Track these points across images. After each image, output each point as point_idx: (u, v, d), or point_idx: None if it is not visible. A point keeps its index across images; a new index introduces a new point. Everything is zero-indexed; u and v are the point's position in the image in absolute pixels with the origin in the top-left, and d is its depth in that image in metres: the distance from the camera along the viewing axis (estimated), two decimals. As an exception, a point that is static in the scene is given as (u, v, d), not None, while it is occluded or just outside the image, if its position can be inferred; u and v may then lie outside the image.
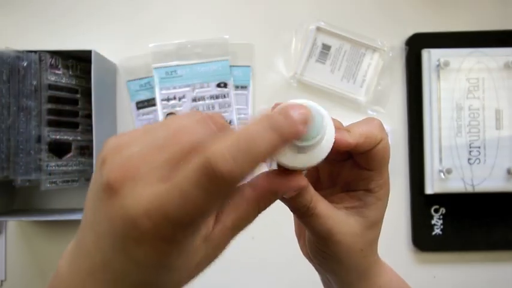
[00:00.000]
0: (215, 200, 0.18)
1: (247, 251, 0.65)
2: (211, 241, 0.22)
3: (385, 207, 0.28)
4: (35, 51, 0.56)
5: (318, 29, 0.64)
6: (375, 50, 0.64)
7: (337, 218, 0.26)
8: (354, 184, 0.27)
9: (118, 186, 0.18)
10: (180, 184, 0.17)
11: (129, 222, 0.17)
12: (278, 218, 0.65)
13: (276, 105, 0.24)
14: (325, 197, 0.27)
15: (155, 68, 0.64)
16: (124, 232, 0.18)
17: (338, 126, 0.25)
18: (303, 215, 0.26)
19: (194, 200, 0.17)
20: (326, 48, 0.64)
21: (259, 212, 0.23)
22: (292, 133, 0.18)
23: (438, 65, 0.62)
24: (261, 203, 0.22)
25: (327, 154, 0.23)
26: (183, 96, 0.64)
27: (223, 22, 0.66)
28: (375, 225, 0.28)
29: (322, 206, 0.25)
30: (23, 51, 0.55)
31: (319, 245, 0.27)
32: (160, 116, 0.64)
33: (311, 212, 0.25)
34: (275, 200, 0.23)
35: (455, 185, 0.61)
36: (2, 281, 0.64)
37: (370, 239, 0.28)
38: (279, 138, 0.18)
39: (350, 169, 0.28)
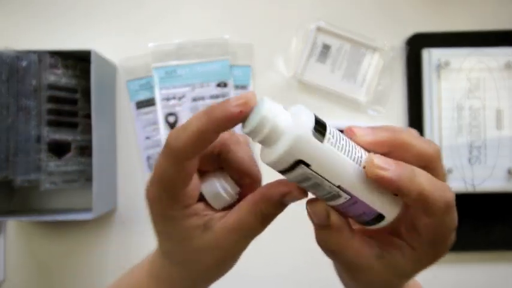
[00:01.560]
0: (172, 165, 0.23)
1: (247, 251, 0.65)
2: (213, 233, 0.25)
3: (424, 267, 0.25)
4: (35, 51, 0.56)
5: (318, 29, 0.64)
6: (375, 50, 0.64)
7: (366, 260, 0.24)
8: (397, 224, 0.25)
9: None
10: (158, 157, 0.24)
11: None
12: (278, 218, 0.65)
13: None
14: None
15: (155, 68, 0.64)
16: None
17: (351, 129, 0.23)
18: (332, 253, 0.25)
19: (162, 166, 0.24)
20: (326, 48, 0.64)
21: (260, 217, 0.25)
22: (222, 115, 0.22)
23: (439, 65, 0.61)
24: (259, 206, 0.24)
25: (285, 148, 0.21)
26: (183, 96, 0.64)
27: (223, 22, 0.66)
28: (403, 277, 0.25)
29: (352, 247, 0.24)
30: (22, 51, 0.55)
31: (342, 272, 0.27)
32: (160, 116, 0.63)
33: (339, 251, 0.24)
34: (273, 206, 0.25)
35: (455, 184, 0.61)
36: (1, 281, 0.64)
37: (396, 284, 0.26)
38: (207, 118, 0.22)
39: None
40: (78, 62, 0.61)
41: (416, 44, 0.64)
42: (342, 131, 0.24)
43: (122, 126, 0.65)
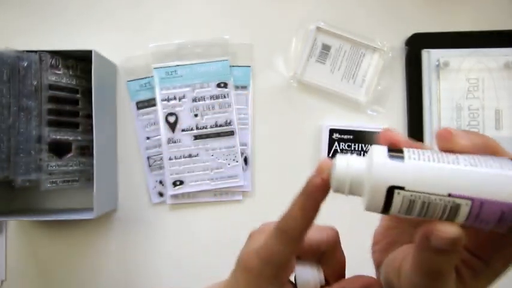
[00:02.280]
0: (286, 246, 0.26)
1: (247, 250, 0.65)
2: None
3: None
4: (35, 51, 0.56)
5: (318, 29, 0.64)
6: (374, 50, 0.64)
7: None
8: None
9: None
10: (268, 239, 0.27)
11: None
12: (278, 218, 0.65)
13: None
14: None
15: (155, 68, 0.64)
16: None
17: (446, 129, 0.22)
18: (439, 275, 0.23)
19: (274, 247, 0.26)
20: (326, 48, 0.64)
21: None
22: (312, 188, 0.24)
23: (438, 65, 0.62)
24: None
25: (371, 185, 0.21)
26: (183, 96, 0.64)
27: (223, 22, 0.66)
28: None
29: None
30: (23, 51, 0.56)
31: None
32: (161, 116, 0.64)
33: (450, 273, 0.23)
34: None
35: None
36: (2, 281, 0.64)
37: None
38: (304, 196, 0.25)
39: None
40: (79, 62, 0.61)
41: (416, 45, 0.64)
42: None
43: (122, 127, 0.65)
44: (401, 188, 0.20)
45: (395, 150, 0.22)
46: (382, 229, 0.31)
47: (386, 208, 0.21)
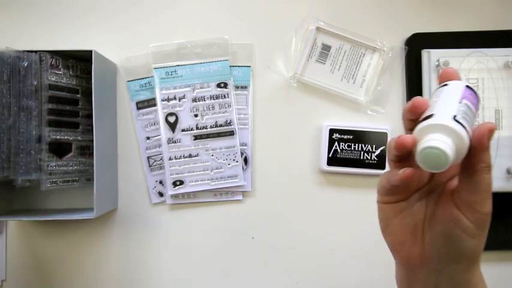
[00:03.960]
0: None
1: (247, 251, 0.65)
2: None
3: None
4: (36, 51, 0.56)
5: (318, 29, 0.64)
6: (374, 50, 0.64)
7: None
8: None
9: None
10: None
11: None
12: (278, 218, 0.65)
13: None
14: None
15: (155, 68, 0.64)
16: None
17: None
18: (487, 168, 0.29)
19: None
20: (326, 48, 0.64)
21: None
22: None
23: (438, 65, 0.62)
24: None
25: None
26: (183, 96, 0.64)
27: (223, 22, 0.66)
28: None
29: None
30: (23, 51, 0.56)
31: (475, 207, 0.30)
32: (161, 116, 0.64)
33: (491, 166, 0.29)
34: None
35: (455, 184, 0.61)
36: (2, 281, 0.64)
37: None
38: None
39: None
40: (79, 62, 0.61)
41: (416, 45, 0.64)
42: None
43: (122, 127, 0.66)
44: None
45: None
46: (386, 213, 0.34)
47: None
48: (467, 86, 0.32)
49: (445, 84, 0.33)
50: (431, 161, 0.27)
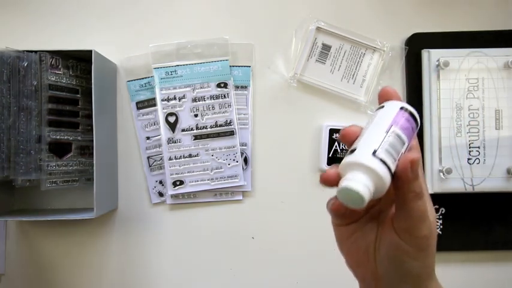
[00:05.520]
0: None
1: (247, 251, 0.65)
2: None
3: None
4: (36, 51, 0.56)
5: (318, 29, 0.64)
6: (374, 50, 0.64)
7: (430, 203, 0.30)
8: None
9: None
10: None
11: None
12: (278, 218, 0.65)
13: None
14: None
15: (155, 68, 0.64)
16: None
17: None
18: (416, 197, 0.29)
19: None
20: (326, 48, 0.64)
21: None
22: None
23: (438, 65, 0.62)
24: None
25: None
26: (183, 96, 0.64)
27: (223, 22, 0.66)
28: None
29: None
30: (23, 51, 0.56)
31: (410, 233, 0.30)
32: (161, 116, 0.64)
33: (422, 193, 0.29)
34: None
35: (455, 185, 0.61)
36: (2, 281, 0.64)
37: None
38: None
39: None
40: (79, 62, 0.61)
41: (416, 45, 0.64)
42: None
43: (122, 127, 0.66)
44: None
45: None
46: (339, 234, 0.35)
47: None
48: (402, 108, 0.31)
49: (382, 107, 0.32)
50: (349, 200, 0.27)
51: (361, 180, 0.27)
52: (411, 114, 0.31)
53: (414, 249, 0.30)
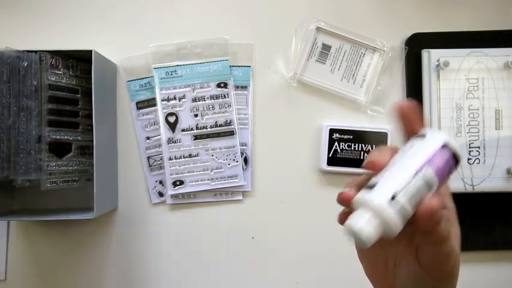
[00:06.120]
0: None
1: (247, 251, 0.65)
2: None
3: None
4: (36, 51, 0.56)
5: (318, 29, 0.64)
6: (374, 50, 0.64)
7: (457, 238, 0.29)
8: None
9: None
10: None
11: None
12: (278, 218, 0.65)
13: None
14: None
15: (155, 68, 0.64)
16: None
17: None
18: (440, 242, 0.27)
19: None
20: (326, 48, 0.64)
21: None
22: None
23: (438, 65, 0.62)
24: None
25: None
26: (183, 96, 0.64)
27: (223, 22, 0.66)
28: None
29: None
30: (23, 51, 0.56)
31: (434, 269, 0.29)
32: (161, 116, 0.64)
33: (447, 237, 0.27)
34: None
35: (454, 185, 0.61)
36: (2, 281, 0.64)
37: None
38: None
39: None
40: (79, 62, 0.61)
41: (416, 45, 0.64)
42: None
43: (122, 127, 0.66)
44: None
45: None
46: (363, 253, 0.35)
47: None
48: (445, 146, 0.27)
49: (422, 135, 0.29)
50: (353, 237, 0.26)
51: (368, 224, 0.25)
52: (454, 153, 0.27)
53: (437, 281, 0.29)
